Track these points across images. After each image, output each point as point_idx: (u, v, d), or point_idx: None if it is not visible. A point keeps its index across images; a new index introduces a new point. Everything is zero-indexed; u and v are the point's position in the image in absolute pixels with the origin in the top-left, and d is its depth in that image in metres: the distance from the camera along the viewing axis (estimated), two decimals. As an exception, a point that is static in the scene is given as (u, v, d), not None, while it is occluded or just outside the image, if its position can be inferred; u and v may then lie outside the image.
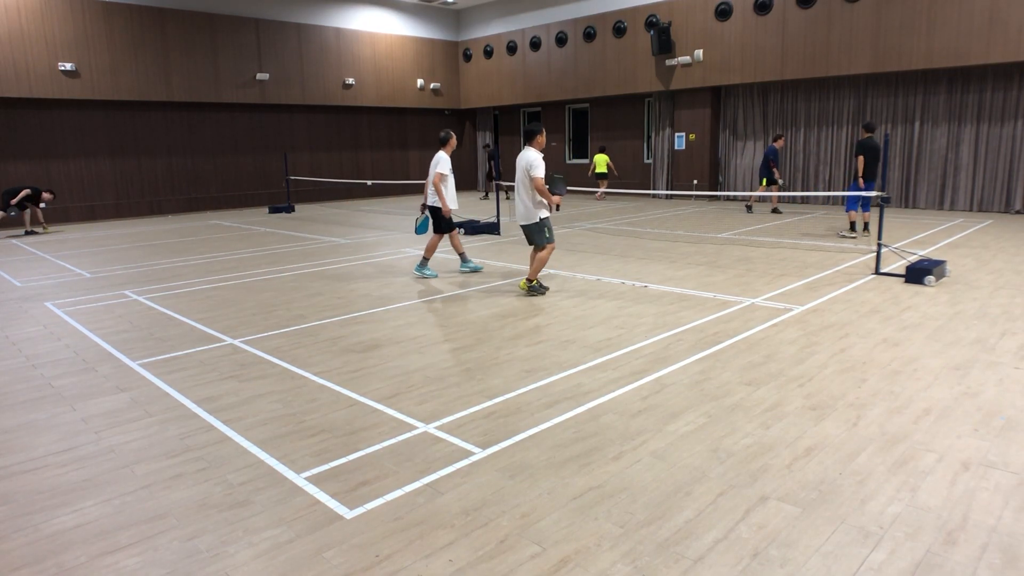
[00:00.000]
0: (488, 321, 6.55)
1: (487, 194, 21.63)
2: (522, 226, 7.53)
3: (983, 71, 14.64)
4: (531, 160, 7.22)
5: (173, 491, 3.42)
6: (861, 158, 10.91)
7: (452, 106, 24.94)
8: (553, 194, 7.33)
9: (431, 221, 8.81)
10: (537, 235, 7.47)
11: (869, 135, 11.06)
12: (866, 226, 11.71)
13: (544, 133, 7.48)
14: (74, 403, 4.65)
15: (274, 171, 20.84)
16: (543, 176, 7.23)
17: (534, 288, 7.61)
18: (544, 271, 9.01)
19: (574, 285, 8.07)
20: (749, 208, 16.09)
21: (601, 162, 19.96)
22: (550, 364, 5.20)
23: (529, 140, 7.39)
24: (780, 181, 15.35)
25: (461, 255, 9.07)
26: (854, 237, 11.30)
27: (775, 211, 15.69)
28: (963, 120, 15.10)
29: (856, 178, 11.04)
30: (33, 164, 16.73)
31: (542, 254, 7.52)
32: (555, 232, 13.19)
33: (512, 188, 19.37)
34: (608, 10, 20.02)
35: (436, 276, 8.75)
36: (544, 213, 7.43)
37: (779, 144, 15.18)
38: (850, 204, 11.58)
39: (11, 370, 5.43)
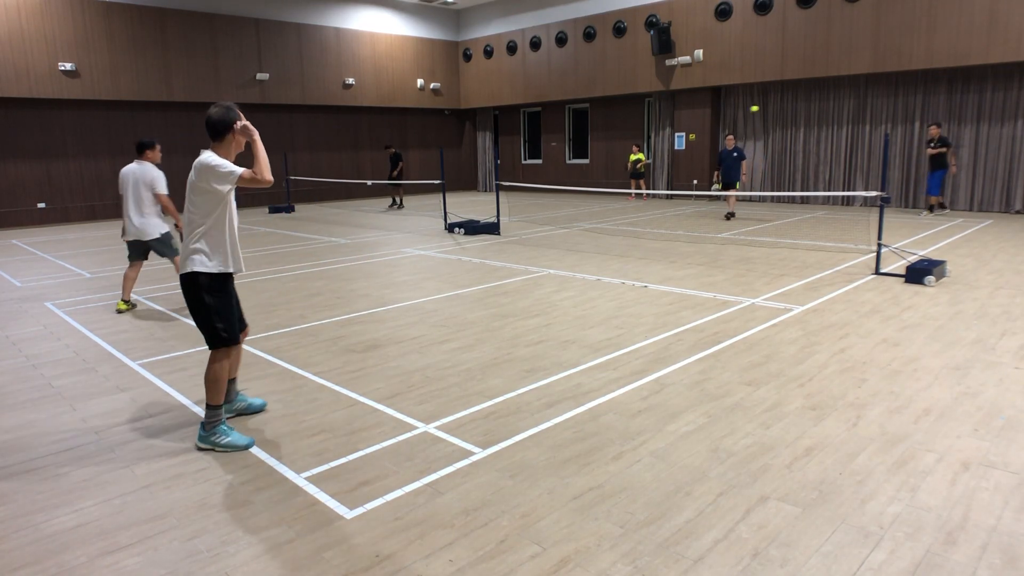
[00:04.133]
0: (488, 321, 6.55)
1: (394, 200, 19.55)
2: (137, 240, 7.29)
3: (983, 71, 14.64)
4: (155, 176, 7.11)
5: (173, 491, 3.42)
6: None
7: (452, 106, 24.94)
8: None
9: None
10: (167, 249, 7.34)
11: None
12: (935, 206, 14.50)
13: (157, 147, 7.22)
14: (74, 403, 4.65)
15: (274, 171, 20.80)
16: (166, 194, 7.18)
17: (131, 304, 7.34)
18: (544, 271, 9.01)
19: (574, 285, 8.08)
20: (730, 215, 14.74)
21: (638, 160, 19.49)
22: (550, 364, 5.20)
23: (141, 153, 7.16)
24: (716, 185, 14.46)
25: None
26: (936, 212, 14.42)
27: (729, 216, 14.60)
28: (963, 120, 15.10)
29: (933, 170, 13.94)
30: (33, 164, 16.74)
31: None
32: (554, 232, 13.26)
33: (397, 198, 19.28)
34: (608, 10, 20.03)
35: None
36: (164, 228, 7.32)
37: (727, 143, 14.19)
38: (934, 190, 14.21)
39: (11, 370, 5.43)
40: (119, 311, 7.30)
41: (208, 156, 3.74)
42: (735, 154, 14.03)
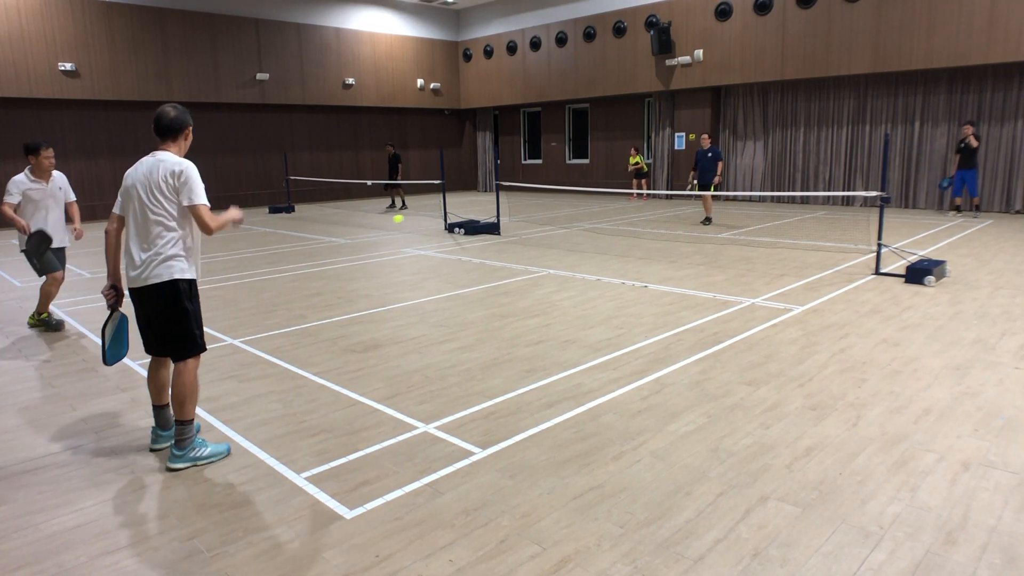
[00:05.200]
0: (488, 321, 6.54)
1: (393, 201, 19.41)
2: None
3: (983, 71, 14.64)
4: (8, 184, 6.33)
5: (173, 491, 3.42)
6: (958, 155, 13.76)
7: (452, 106, 24.94)
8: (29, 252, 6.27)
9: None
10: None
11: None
12: (959, 207, 14.36)
13: (42, 153, 6.35)
14: (74, 403, 4.65)
15: (274, 171, 20.84)
16: (5, 203, 6.31)
17: (44, 322, 6.57)
18: (544, 271, 9.01)
19: (574, 285, 8.08)
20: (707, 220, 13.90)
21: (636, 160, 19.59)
22: (550, 364, 5.20)
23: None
24: (691, 184, 13.57)
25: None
26: (956, 213, 14.27)
27: (707, 221, 13.77)
28: (963, 120, 15.09)
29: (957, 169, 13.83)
30: (33, 164, 16.71)
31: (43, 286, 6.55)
32: (554, 232, 13.26)
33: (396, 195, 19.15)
34: (608, 10, 20.03)
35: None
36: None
37: (703, 143, 13.48)
38: (971, 191, 13.99)
39: (11, 370, 5.43)
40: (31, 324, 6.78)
41: (186, 166, 3.63)
42: (710, 154, 13.26)
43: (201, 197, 3.64)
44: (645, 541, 2.87)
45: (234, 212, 3.91)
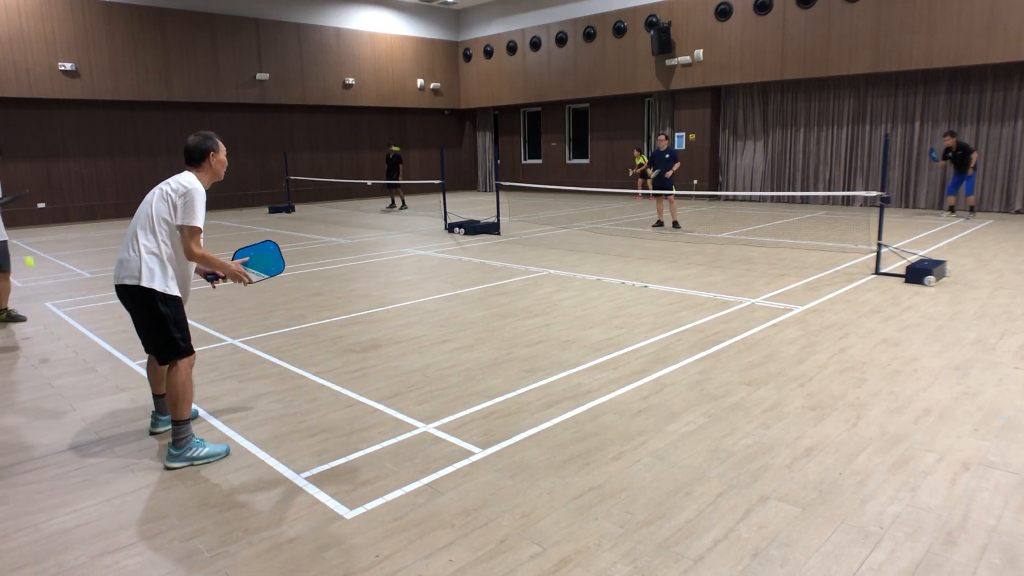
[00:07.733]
0: (488, 321, 6.54)
1: (393, 201, 19.31)
2: None
3: (983, 71, 14.64)
4: None
5: (173, 491, 3.42)
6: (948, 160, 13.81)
7: (452, 106, 24.94)
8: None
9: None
10: None
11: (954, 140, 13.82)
12: (952, 208, 14.21)
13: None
14: (74, 403, 4.65)
15: (274, 171, 20.84)
16: None
17: (12, 317, 6.93)
18: (544, 271, 9.01)
19: (574, 285, 8.08)
20: (669, 224, 13.48)
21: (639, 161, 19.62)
22: (550, 364, 5.20)
23: None
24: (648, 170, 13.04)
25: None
26: (960, 216, 14.06)
27: (659, 224, 13.42)
28: (963, 120, 15.11)
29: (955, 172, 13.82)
30: (33, 164, 16.73)
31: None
32: (554, 232, 13.27)
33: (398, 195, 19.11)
34: (608, 10, 20.03)
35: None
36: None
37: (660, 144, 13.02)
38: (949, 191, 14.10)
39: (12, 370, 5.43)
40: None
41: (192, 188, 3.67)
42: (667, 156, 12.85)
43: (194, 219, 3.64)
44: (645, 541, 2.87)
45: (237, 266, 3.87)
